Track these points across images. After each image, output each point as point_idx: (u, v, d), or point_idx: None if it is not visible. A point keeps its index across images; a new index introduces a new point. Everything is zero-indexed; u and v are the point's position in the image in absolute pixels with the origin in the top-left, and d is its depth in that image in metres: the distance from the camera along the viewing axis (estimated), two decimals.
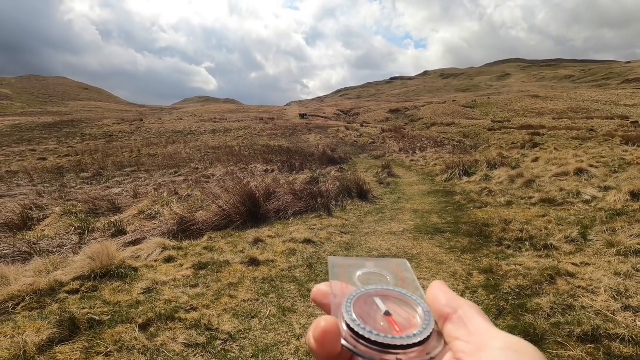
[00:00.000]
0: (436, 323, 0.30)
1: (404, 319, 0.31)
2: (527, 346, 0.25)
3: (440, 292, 0.31)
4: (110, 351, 2.22)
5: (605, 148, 15.30)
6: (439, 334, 0.29)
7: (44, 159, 20.84)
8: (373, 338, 0.28)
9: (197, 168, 15.07)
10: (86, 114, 62.69)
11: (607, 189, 5.86)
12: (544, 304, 2.53)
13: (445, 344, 0.29)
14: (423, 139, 30.44)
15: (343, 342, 0.29)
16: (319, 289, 0.34)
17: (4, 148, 25.36)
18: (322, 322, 0.29)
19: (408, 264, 0.37)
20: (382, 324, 0.30)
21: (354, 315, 0.30)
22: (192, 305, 2.80)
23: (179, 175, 13.37)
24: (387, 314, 0.31)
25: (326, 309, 0.32)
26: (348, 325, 0.29)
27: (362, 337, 0.28)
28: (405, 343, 0.28)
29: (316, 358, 0.29)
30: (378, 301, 0.32)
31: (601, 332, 2.15)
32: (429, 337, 0.29)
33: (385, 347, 0.28)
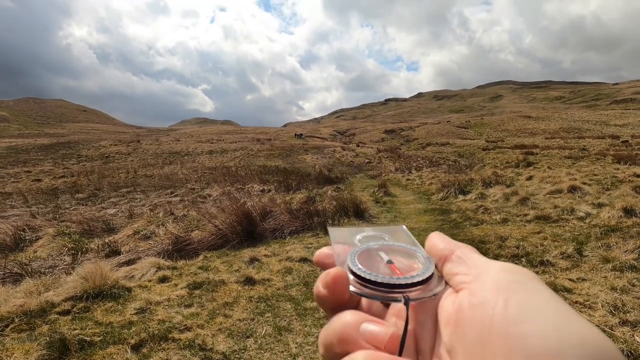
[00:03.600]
0: (436, 267, 0.31)
1: (406, 265, 0.32)
2: (522, 268, 0.27)
3: (438, 239, 0.33)
4: None
5: (598, 166, 15.53)
6: (439, 277, 0.31)
7: (39, 180, 20.73)
8: (379, 280, 0.29)
9: (194, 188, 15.04)
10: (83, 135, 62.90)
11: (600, 205, 5.91)
12: None
13: (446, 284, 0.30)
14: (418, 159, 30.76)
15: (351, 287, 0.30)
16: (322, 251, 0.35)
17: None
18: (332, 270, 0.30)
19: (405, 227, 0.39)
20: (385, 270, 0.31)
21: (358, 264, 0.31)
22: (186, 325, 2.74)
23: (175, 196, 13.32)
24: (390, 262, 0.32)
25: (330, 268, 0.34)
26: (353, 273, 0.31)
27: (368, 281, 0.30)
28: (407, 282, 0.29)
29: (325, 306, 0.31)
30: (381, 253, 0.34)
31: None
32: (430, 277, 0.30)
33: (390, 288, 0.29)
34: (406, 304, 0.28)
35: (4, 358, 2.25)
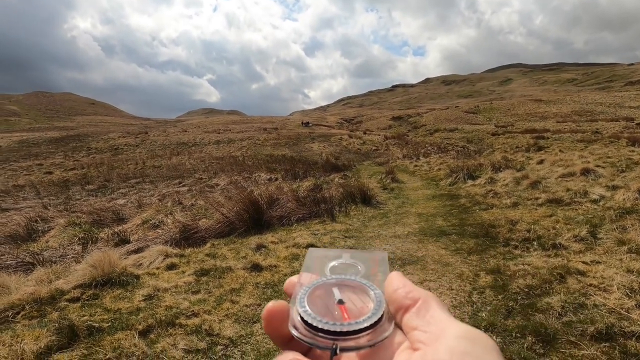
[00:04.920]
0: (388, 309, 0.30)
1: (357, 307, 0.31)
2: (482, 335, 0.26)
3: (399, 283, 0.31)
4: (109, 358, 2.17)
5: (612, 149, 15.14)
6: (389, 319, 0.30)
7: (50, 172, 21.05)
8: (315, 324, 0.28)
9: (201, 178, 15.10)
10: (92, 128, 63.52)
11: (615, 188, 5.75)
12: (554, 303, 2.45)
13: (400, 329, 0.29)
14: (426, 145, 30.41)
15: (291, 328, 0.29)
16: (291, 280, 0.35)
17: (11, 163, 25.69)
18: (271, 303, 0.30)
19: (386, 256, 0.37)
20: (336, 312, 0.30)
21: (304, 303, 0.30)
22: (193, 311, 2.74)
23: (183, 186, 13.40)
24: (340, 302, 0.31)
25: None
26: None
27: (310, 325, 0.29)
28: (347, 329, 0.28)
29: (273, 341, 0.31)
30: (335, 290, 0.32)
31: (616, 330, 2.07)
32: (377, 322, 0.29)
33: (332, 334, 0.28)
34: (332, 354, 0.28)
35: (14, 344, 2.28)
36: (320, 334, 0.28)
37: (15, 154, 30.63)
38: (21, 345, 2.24)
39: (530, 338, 2.14)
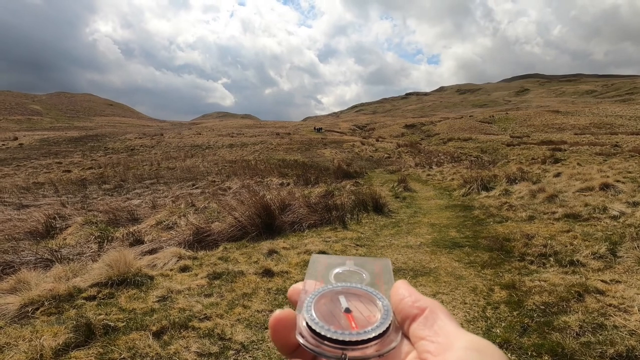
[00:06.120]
0: (395, 318, 0.30)
1: (364, 316, 0.31)
2: (490, 346, 0.26)
3: (405, 292, 0.31)
4: (123, 358, 2.21)
5: (632, 164, 14.73)
6: (397, 328, 0.30)
7: (69, 171, 21.61)
8: (323, 333, 0.28)
9: (214, 181, 15.28)
10: (110, 128, 65.08)
11: (636, 204, 5.59)
12: (572, 322, 2.39)
13: (408, 339, 0.29)
14: (439, 154, 30.13)
15: (298, 336, 0.29)
16: (295, 287, 0.34)
17: (32, 160, 26.48)
18: (278, 311, 0.31)
19: (390, 264, 0.37)
20: (342, 321, 0.30)
21: (312, 311, 0.30)
22: (205, 314, 2.78)
23: (196, 188, 13.59)
24: (347, 311, 0.31)
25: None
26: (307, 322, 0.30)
27: (317, 333, 0.29)
28: (355, 339, 0.28)
29: (279, 350, 0.31)
30: (342, 298, 0.32)
31: (637, 354, 2.01)
32: (384, 332, 0.29)
33: (339, 343, 0.28)
34: None
35: (34, 339, 2.34)
36: (327, 342, 0.28)
37: (36, 152, 31.57)
38: (40, 341, 2.31)
39: (546, 357, 2.09)
